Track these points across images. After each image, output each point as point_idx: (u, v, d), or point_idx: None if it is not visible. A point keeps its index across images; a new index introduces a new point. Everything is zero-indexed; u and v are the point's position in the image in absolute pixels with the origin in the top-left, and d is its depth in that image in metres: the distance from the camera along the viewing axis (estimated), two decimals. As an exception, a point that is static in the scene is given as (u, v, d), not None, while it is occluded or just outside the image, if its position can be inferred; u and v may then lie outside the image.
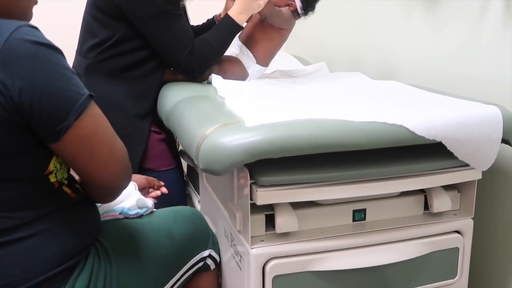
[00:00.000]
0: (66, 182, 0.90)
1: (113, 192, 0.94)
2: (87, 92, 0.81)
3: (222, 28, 1.45)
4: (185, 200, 1.63)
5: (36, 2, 0.90)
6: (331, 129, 0.96)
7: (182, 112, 1.18)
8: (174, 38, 1.41)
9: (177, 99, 1.30)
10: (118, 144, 0.88)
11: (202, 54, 1.43)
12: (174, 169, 1.56)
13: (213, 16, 1.68)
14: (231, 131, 0.94)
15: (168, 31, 1.40)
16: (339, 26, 2.03)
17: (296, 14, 1.57)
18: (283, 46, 2.59)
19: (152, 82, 1.48)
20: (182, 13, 1.44)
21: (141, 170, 1.49)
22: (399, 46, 1.65)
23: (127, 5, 1.37)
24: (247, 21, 1.50)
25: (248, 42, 1.56)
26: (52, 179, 0.86)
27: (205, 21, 1.72)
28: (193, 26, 1.64)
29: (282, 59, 2.07)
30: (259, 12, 1.45)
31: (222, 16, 1.62)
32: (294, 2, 1.54)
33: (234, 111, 1.07)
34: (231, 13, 1.44)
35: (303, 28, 2.35)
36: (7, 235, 0.81)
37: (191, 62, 1.42)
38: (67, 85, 0.78)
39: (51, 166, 0.85)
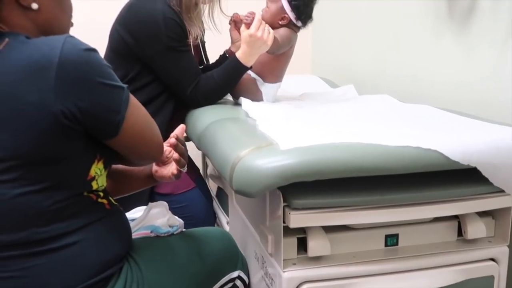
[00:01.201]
0: (102, 194, 0.93)
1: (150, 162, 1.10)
2: (123, 84, 0.88)
3: (228, 68, 1.49)
4: (213, 220, 1.63)
5: (72, 24, 0.96)
6: (365, 153, 0.96)
7: (215, 134, 1.20)
8: (181, 73, 1.48)
9: (209, 121, 1.32)
10: (154, 124, 0.96)
11: (207, 89, 1.50)
12: (193, 190, 1.57)
13: (224, 52, 1.69)
14: (265, 154, 0.95)
15: (175, 66, 1.47)
16: (367, 48, 2.04)
17: (294, 27, 1.54)
18: (311, 69, 2.60)
19: (163, 117, 1.52)
20: (188, 49, 1.49)
21: (154, 195, 1.51)
22: (429, 69, 1.65)
23: (136, 43, 1.45)
24: None
25: (254, 67, 1.54)
26: (95, 185, 0.90)
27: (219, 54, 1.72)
28: (209, 64, 1.68)
29: (309, 81, 2.09)
30: (267, 51, 1.45)
31: (231, 50, 1.64)
32: (287, 14, 1.50)
33: (267, 134, 1.08)
34: (238, 55, 1.46)
35: (330, 50, 2.38)
36: (49, 243, 0.84)
37: (197, 96, 1.50)
38: (112, 81, 0.86)
39: (92, 172, 0.89)
